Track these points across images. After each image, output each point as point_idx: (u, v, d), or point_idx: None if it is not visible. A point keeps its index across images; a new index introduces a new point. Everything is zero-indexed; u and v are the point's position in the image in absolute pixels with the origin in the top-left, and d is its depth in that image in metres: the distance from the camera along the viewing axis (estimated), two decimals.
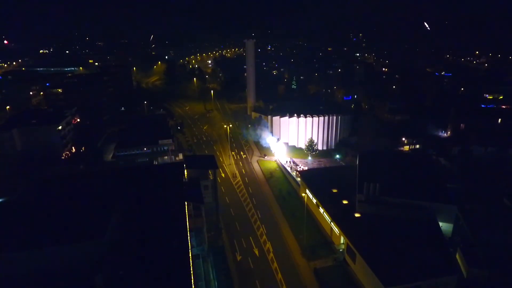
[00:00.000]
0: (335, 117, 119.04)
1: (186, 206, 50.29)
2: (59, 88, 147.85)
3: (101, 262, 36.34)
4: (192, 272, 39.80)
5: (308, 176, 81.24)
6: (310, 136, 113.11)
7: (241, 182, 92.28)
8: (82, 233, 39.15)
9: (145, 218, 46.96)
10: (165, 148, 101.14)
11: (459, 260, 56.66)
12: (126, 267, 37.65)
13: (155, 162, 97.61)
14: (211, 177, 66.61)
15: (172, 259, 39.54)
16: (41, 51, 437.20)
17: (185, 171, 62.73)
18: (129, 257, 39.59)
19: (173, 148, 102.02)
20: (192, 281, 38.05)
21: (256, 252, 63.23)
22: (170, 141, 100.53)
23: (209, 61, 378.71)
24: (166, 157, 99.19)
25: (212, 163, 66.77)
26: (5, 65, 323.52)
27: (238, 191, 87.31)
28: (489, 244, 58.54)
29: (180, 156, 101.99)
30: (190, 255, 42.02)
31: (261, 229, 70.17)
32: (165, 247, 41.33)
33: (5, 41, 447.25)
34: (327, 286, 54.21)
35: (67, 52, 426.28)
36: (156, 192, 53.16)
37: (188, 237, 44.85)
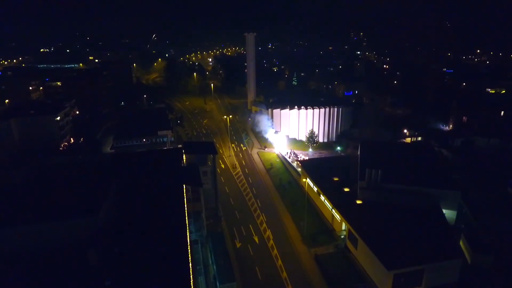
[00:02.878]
0: (336, 109, 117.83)
1: (184, 188, 49.22)
2: (58, 82, 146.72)
3: (96, 238, 35.27)
4: (190, 253, 38.75)
5: (309, 165, 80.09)
6: (310, 128, 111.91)
7: (241, 172, 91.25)
8: (77, 210, 38.12)
9: (142, 199, 45.98)
10: (164, 139, 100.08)
11: (462, 247, 55.51)
12: (122, 245, 36.60)
13: None
14: (210, 163, 65.49)
15: (169, 238, 38.46)
16: (41, 49, 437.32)
17: (184, 156, 61.67)
18: (126, 236, 38.55)
19: (173, 139, 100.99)
20: (190, 263, 36.98)
21: (256, 240, 62.19)
22: (169, 132, 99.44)
23: (210, 59, 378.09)
24: (165, 148, 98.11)
25: (211, 148, 65.67)
26: (5, 62, 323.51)
27: (238, 181, 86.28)
28: (493, 230, 57.64)
29: None
30: (188, 235, 40.97)
31: (261, 217, 69.13)
32: (162, 227, 40.27)
33: None
34: (328, 272, 53.13)
35: (68, 51, 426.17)
36: (154, 175, 52.16)
37: (186, 218, 43.78)
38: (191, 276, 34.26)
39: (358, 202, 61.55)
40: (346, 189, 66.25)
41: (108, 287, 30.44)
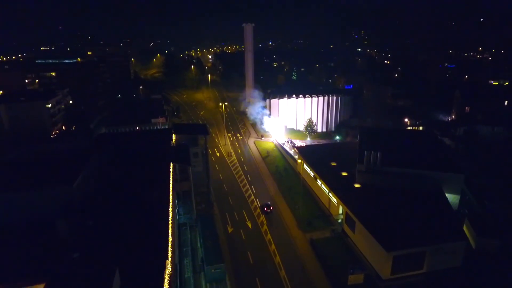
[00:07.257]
0: (335, 98, 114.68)
1: (171, 166, 46.38)
2: (53, 72, 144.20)
3: (68, 210, 32.43)
4: (174, 233, 35.92)
5: (306, 151, 77.23)
6: (309, 117, 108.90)
7: (236, 160, 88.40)
8: (50, 180, 35.36)
9: (126, 175, 43.21)
10: (159, 128, 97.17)
11: (466, 231, 52.39)
12: (97, 218, 33.76)
13: None
14: (201, 145, 62.56)
15: (150, 215, 35.57)
16: (42, 48, 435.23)
17: (174, 137, 58.86)
18: (103, 210, 35.74)
19: (167, 127, 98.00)
20: (171, 243, 33.94)
21: (249, 225, 59.34)
22: (163, 119, 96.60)
23: (210, 56, 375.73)
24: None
25: (202, 129, 62.73)
26: (4, 59, 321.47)
27: (232, 169, 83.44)
28: (497, 214, 54.67)
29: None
30: (170, 212, 38.04)
31: (255, 203, 66.25)
32: (143, 204, 37.39)
33: None
34: (324, 256, 50.17)
35: (68, 49, 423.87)
36: (141, 153, 49.29)
37: (170, 196, 40.86)
38: (169, 254, 31.11)
39: (357, 185, 58.67)
40: (344, 174, 63.38)
41: (76, 259, 27.58)
